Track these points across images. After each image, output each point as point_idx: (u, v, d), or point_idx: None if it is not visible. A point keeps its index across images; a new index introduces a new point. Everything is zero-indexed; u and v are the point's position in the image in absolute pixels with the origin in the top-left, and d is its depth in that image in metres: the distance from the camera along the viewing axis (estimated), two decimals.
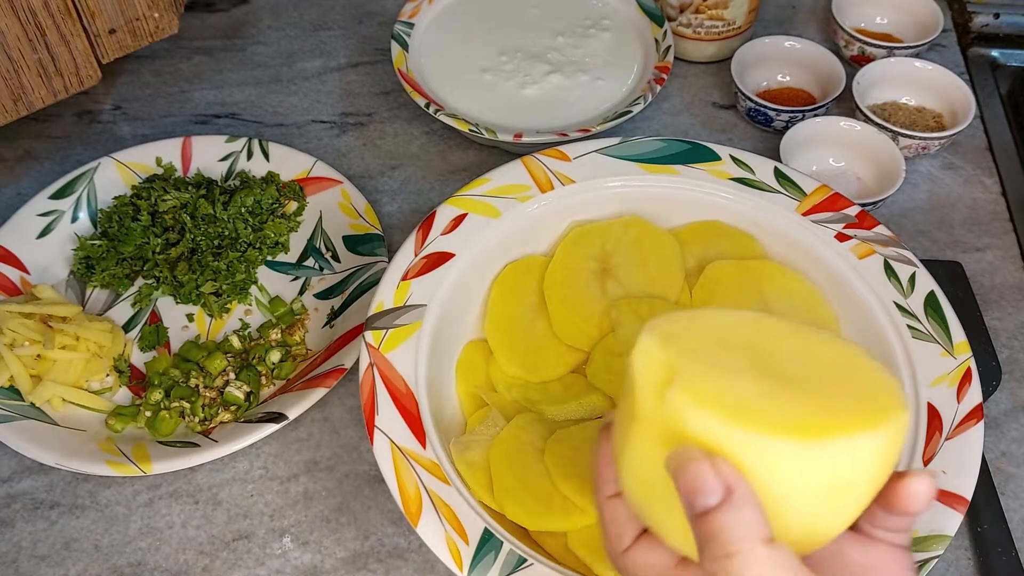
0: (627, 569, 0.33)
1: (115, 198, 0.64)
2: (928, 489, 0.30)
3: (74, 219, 0.64)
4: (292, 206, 0.65)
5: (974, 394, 0.46)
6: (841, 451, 0.28)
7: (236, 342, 0.59)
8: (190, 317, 0.61)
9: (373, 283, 0.59)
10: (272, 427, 0.52)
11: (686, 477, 0.28)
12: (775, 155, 0.64)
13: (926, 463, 0.44)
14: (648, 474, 0.30)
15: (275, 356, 0.58)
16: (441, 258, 0.52)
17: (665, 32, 0.71)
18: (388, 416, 0.46)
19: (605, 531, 0.34)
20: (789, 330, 0.32)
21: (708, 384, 0.29)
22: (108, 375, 0.57)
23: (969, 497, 0.43)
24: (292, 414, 0.53)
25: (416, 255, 0.52)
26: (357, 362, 0.49)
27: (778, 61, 0.73)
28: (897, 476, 0.31)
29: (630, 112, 0.66)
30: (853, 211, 0.53)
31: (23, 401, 0.55)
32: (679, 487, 0.28)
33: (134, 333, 0.60)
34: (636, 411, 0.30)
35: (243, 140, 0.67)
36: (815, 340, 0.32)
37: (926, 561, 0.41)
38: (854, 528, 0.32)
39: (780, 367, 0.30)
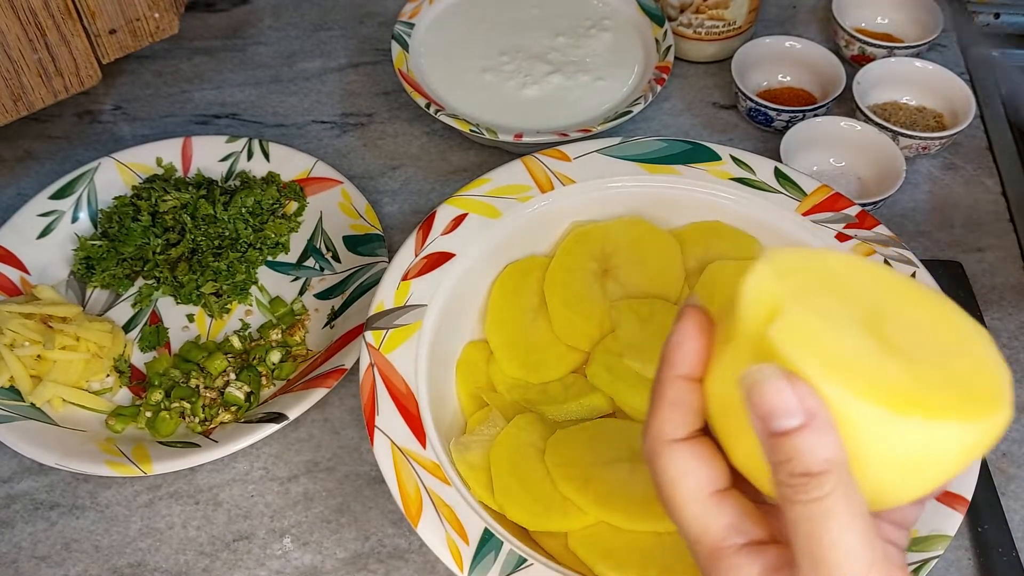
0: (661, 470, 0.31)
1: (115, 198, 0.64)
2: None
3: (74, 219, 0.64)
4: (292, 206, 0.65)
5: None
6: (928, 432, 0.27)
7: (236, 342, 0.59)
8: (190, 317, 0.61)
9: (373, 283, 0.59)
10: (272, 427, 0.52)
11: (763, 395, 0.27)
12: (775, 155, 0.64)
13: None
14: (728, 396, 0.30)
15: (275, 356, 0.58)
16: (441, 258, 0.52)
17: (665, 32, 0.71)
18: (388, 416, 0.46)
19: (657, 408, 0.31)
20: (913, 293, 0.31)
21: (811, 329, 0.28)
22: (108, 375, 0.57)
23: (969, 497, 0.43)
24: (292, 414, 0.53)
25: (416, 255, 0.52)
26: (357, 362, 0.49)
27: (778, 61, 0.73)
28: None
29: (631, 112, 0.66)
30: (853, 211, 0.53)
31: (23, 401, 0.55)
32: (753, 404, 0.27)
33: (134, 333, 0.60)
34: (733, 334, 0.30)
35: (243, 140, 0.67)
36: (937, 310, 0.30)
37: (926, 561, 0.41)
38: None
39: (891, 329, 0.29)
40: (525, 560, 0.41)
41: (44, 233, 0.63)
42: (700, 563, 0.30)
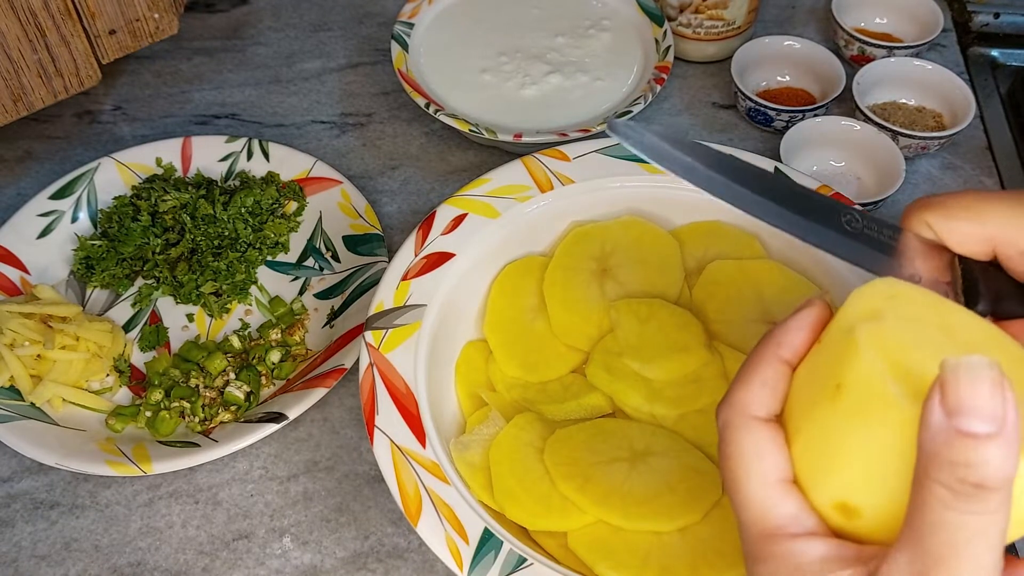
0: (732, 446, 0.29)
1: (115, 198, 0.64)
2: None
3: (74, 219, 0.64)
4: (292, 206, 0.65)
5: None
6: None
7: (236, 342, 0.59)
8: (190, 317, 0.61)
9: (373, 283, 0.59)
10: (272, 427, 0.53)
11: (969, 388, 0.24)
12: (775, 155, 0.64)
13: None
14: (799, 391, 0.29)
15: (275, 356, 0.58)
16: (441, 258, 0.52)
17: (665, 32, 0.71)
18: (388, 416, 0.46)
19: (749, 381, 0.30)
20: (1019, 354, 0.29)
21: (900, 340, 0.27)
22: (108, 375, 0.57)
23: None
24: (292, 414, 0.53)
25: (416, 255, 0.52)
26: (357, 362, 0.49)
27: (778, 61, 0.73)
28: None
29: (630, 112, 0.66)
30: None
31: (23, 401, 0.55)
32: (949, 392, 0.24)
33: (134, 333, 0.60)
34: (826, 335, 0.29)
35: (243, 140, 0.67)
36: None
37: None
38: None
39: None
40: (525, 560, 0.42)
41: (44, 233, 0.63)
42: (749, 546, 0.29)
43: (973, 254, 0.31)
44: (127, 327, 0.60)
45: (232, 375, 0.57)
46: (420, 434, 0.45)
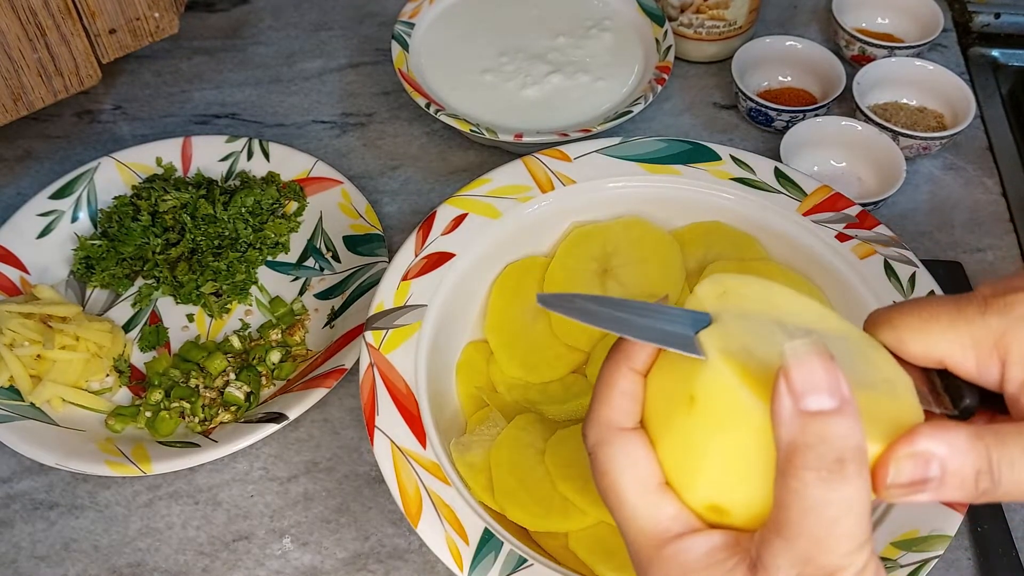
0: (601, 462, 0.31)
1: (115, 198, 0.64)
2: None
3: (74, 219, 0.64)
4: (292, 206, 0.65)
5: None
6: None
7: (236, 342, 0.58)
8: (190, 317, 0.61)
9: (373, 283, 0.59)
10: (272, 427, 0.52)
11: (805, 369, 0.26)
12: (776, 155, 0.64)
13: None
14: (657, 396, 0.31)
15: (275, 356, 0.58)
16: (441, 258, 0.51)
17: (666, 32, 0.71)
18: (388, 416, 0.46)
19: (608, 396, 0.31)
20: (842, 327, 0.31)
21: (736, 336, 0.29)
22: (108, 375, 0.57)
23: None
24: (292, 414, 0.53)
25: (416, 255, 0.51)
26: (357, 362, 0.49)
27: (779, 61, 0.73)
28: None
29: (631, 112, 0.66)
30: (854, 211, 0.53)
31: (23, 401, 0.55)
32: (791, 377, 0.26)
33: (134, 333, 0.60)
34: None
35: (243, 140, 0.67)
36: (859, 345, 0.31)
37: (926, 561, 0.41)
38: None
39: None
40: (525, 560, 0.41)
41: (44, 233, 0.63)
42: (639, 555, 0.30)
43: (932, 367, 0.31)
44: (127, 327, 0.60)
45: (232, 375, 0.57)
46: (420, 435, 0.45)
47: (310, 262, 0.63)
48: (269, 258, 0.63)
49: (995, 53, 0.79)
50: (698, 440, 0.29)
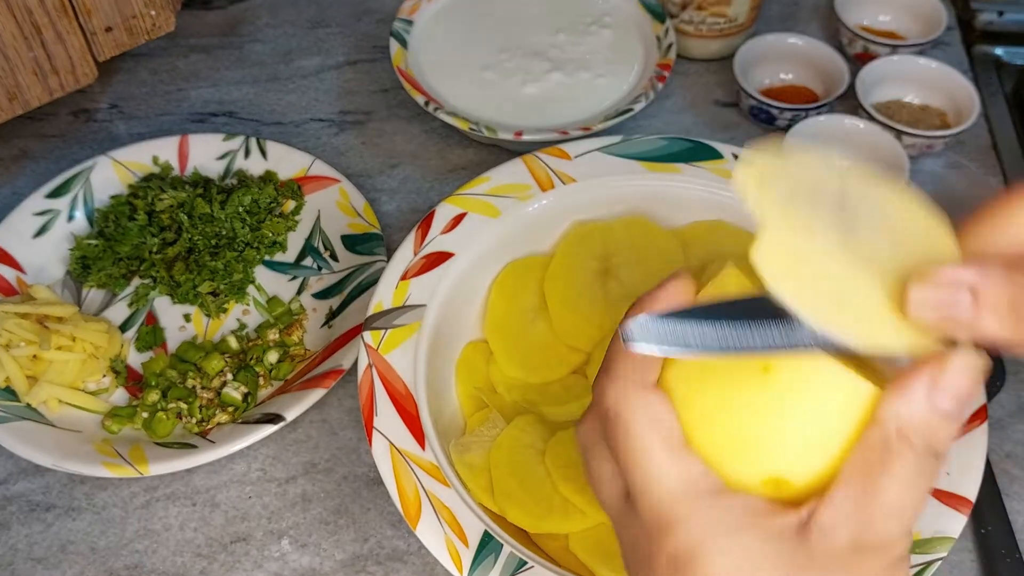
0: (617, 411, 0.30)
1: (112, 197, 0.64)
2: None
3: (70, 218, 0.64)
4: (290, 205, 0.65)
5: (978, 396, 0.46)
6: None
7: (234, 342, 0.58)
8: (187, 317, 0.60)
9: (372, 283, 0.59)
10: (270, 428, 0.52)
11: (960, 374, 0.27)
12: None
13: None
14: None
15: (273, 356, 0.57)
16: (440, 257, 0.51)
17: (667, 29, 0.71)
18: (387, 417, 0.45)
19: (624, 352, 0.30)
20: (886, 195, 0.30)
21: (788, 250, 0.28)
22: (104, 376, 0.57)
23: (973, 499, 0.42)
24: (290, 415, 0.52)
25: (415, 254, 0.51)
26: (356, 363, 0.48)
27: (781, 59, 0.72)
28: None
29: (632, 110, 0.65)
30: None
31: (19, 402, 0.54)
32: (945, 372, 0.27)
33: (131, 333, 0.60)
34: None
35: (240, 139, 0.67)
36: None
37: (930, 563, 0.40)
38: None
39: (862, 233, 0.29)
40: (525, 563, 0.41)
41: (40, 232, 0.63)
42: (668, 515, 0.29)
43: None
44: (124, 327, 0.60)
45: (229, 376, 0.56)
46: (419, 436, 0.45)
47: (308, 261, 0.63)
48: (267, 257, 0.63)
49: (999, 51, 0.79)
50: (773, 410, 0.29)
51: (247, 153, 0.66)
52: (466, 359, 0.52)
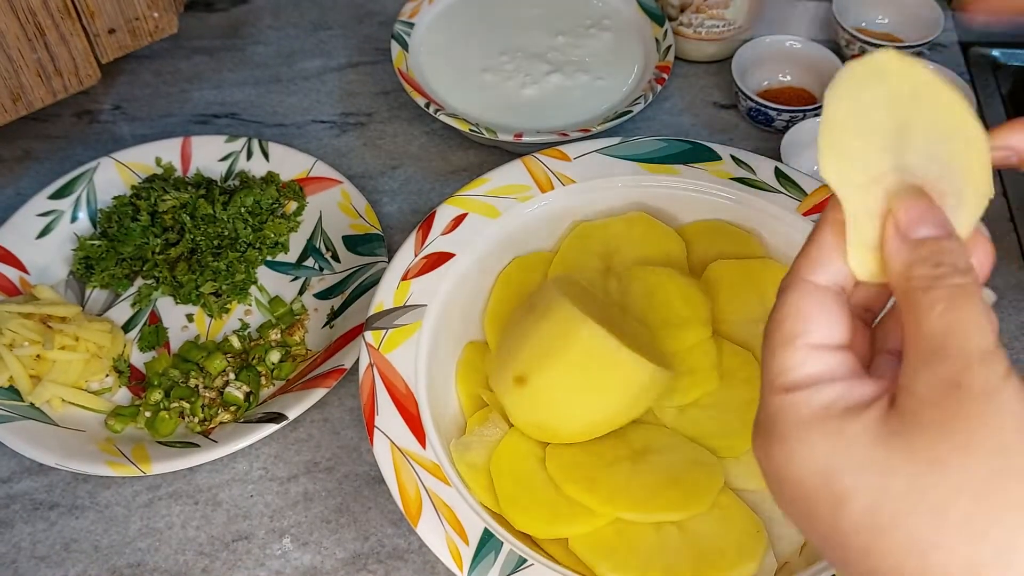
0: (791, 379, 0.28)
1: (115, 198, 0.64)
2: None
3: (73, 219, 0.64)
4: (292, 206, 0.65)
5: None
6: None
7: (236, 342, 0.58)
8: (190, 317, 0.61)
9: (373, 283, 0.59)
10: (272, 427, 0.52)
11: (911, 206, 0.28)
12: (776, 155, 0.64)
13: None
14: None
15: (275, 356, 0.58)
16: (441, 258, 0.51)
17: (666, 32, 0.71)
18: (388, 416, 0.46)
19: (809, 245, 0.30)
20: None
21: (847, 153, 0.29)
22: (107, 375, 0.57)
23: None
24: (292, 414, 0.53)
25: (416, 255, 0.51)
26: (357, 362, 0.49)
27: (779, 61, 0.72)
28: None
29: (630, 112, 0.65)
30: None
31: (23, 401, 0.55)
32: (898, 217, 0.28)
33: (134, 333, 0.60)
34: None
35: (243, 140, 0.67)
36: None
37: None
38: None
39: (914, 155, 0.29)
40: (525, 560, 0.41)
41: (43, 233, 0.63)
42: (762, 407, 0.29)
43: None
44: (126, 327, 0.60)
45: (232, 375, 0.57)
46: (420, 435, 0.45)
47: (310, 262, 0.63)
48: (268, 258, 0.63)
49: (995, 53, 0.79)
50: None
51: (249, 154, 0.67)
52: (466, 359, 0.52)
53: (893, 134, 0.29)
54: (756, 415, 0.29)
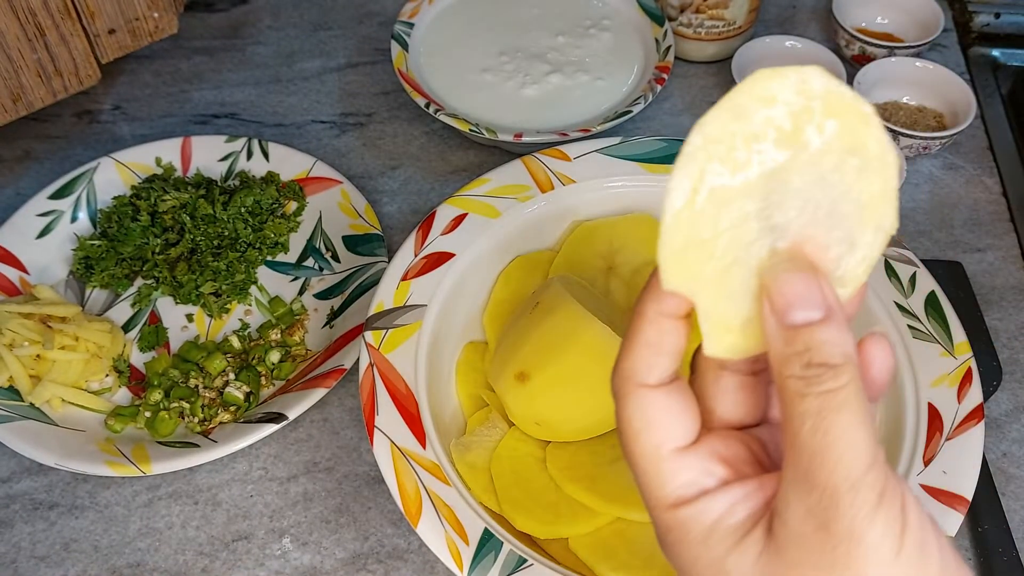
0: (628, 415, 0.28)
1: (114, 198, 0.64)
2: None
3: (73, 219, 0.64)
4: (292, 206, 0.65)
5: (975, 394, 0.46)
6: None
7: (236, 342, 0.58)
8: (189, 317, 0.61)
9: (373, 283, 0.59)
10: (272, 427, 0.52)
11: (786, 285, 0.26)
12: None
13: (927, 464, 0.44)
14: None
15: (275, 356, 0.58)
16: (441, 258, 0.51)
17: (666, 32, 0.71)
18: (388, 416, 0.46)
19: (632, 345, 0.28)
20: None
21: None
22: (107, 375, 0.57)
23: (970, 497, 0.43)
24: (292, 414, 0.53)
25: (416, 255, 0.51)
26: (357, 362, 0.49)
27: (779, 61, 0.72)
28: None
29: (630, 112, 0.65)
30: None
31: (22, 401, 0.55)
32: (772, 295, 0.26)
33: (133, 333, 0.60)
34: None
35: (243, 140, 0.67)
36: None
37: None
38: None
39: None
40: (525, 560, 0.41)
41: (43, 233, 0.63)
42: (652, 515, 0.29)
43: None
44: (126, 327, 0.60)
45: (232, 375, 0.57)
46: (420, 435, 0.45)
47: (309, 262, 0.63)
48: (268, 258, 0.63)
49: (995, 53, 0.79)
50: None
51: (249, 154, 0.67)
52: (466, 359, 0.53)
53: (758, 193, 0.26)
54: (655, 527, 0.29)
